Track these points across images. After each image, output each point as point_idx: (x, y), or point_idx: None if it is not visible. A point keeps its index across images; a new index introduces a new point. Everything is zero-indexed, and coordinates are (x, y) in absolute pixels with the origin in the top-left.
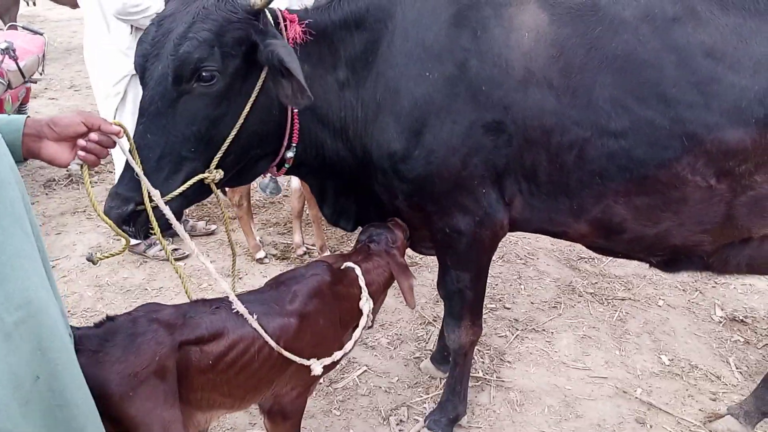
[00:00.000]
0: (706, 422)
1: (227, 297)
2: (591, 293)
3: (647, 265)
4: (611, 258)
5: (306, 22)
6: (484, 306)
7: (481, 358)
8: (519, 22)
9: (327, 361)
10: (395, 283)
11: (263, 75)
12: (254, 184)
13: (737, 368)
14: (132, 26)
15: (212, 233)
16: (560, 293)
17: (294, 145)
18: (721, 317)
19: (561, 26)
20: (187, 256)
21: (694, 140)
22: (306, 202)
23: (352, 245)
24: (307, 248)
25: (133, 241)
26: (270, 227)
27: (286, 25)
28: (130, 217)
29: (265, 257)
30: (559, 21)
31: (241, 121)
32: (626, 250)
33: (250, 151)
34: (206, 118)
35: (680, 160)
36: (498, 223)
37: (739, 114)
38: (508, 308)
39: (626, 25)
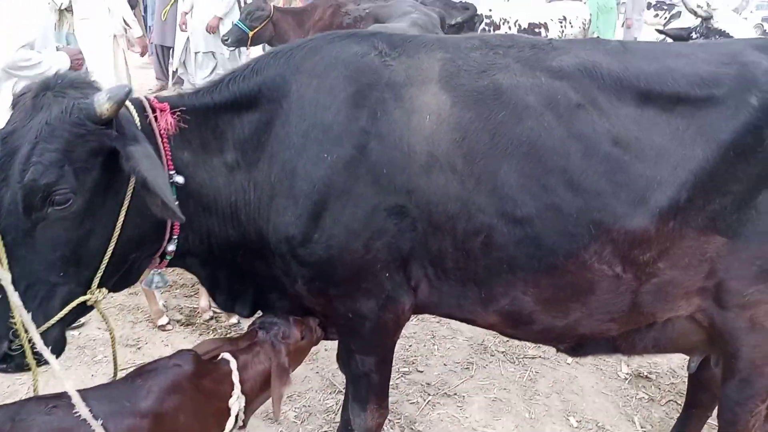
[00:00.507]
0: None
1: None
2: (503, 352)
3: None
4: None
5: (180, 108)
6: (396, 370)
7: (391, 428)
8: (420, 104)
9: None
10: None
11: (132, 179)
12: None
13: (642, 427)
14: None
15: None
16: (473, 353)
17: (175, 237)
18: (626, 374)
19: (464, 109)
20: (81, 325)
21: (602, 229)
22: None
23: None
24: (214, 313)
25: None
26: (176, 289)
27: (156, 116)
28: (4, 357)
29: (168, 323)
30: (462, 104)
31: (117, 232)
32: (535, 339)
33: (129, 257)
34: (70, 241)
35: (588, 248)
36: (401, 308)
37: (645, 203)
38: (421, 371)
39: (530, 111)
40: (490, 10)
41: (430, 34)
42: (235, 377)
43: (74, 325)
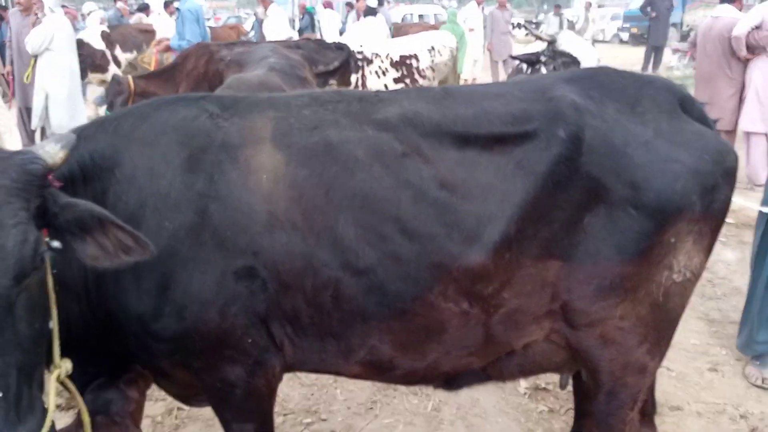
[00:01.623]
0: None
1: None
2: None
3: None
4: None
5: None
6: (299, 422)
7: None
8: (256, 164)
9: None
10: None
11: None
12: None
13: None
14: None
15: None
16: (376, 391)
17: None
18: (526, 388)
19: (298, 167)
20: None
21: (441, 270)
22: None
23: None
24: None
25: None
26: None
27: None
28: None
29: None
30: (296, 161)
31: (53, 295)
32: (403, 383)
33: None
34: (45, 304)
35: (432, 289)
36: (272, 371)
37: (479, 240)
38: (324, 419)
39: (360, 164)
40: (361, 46)
41: (285, 78)
42: None
43: None
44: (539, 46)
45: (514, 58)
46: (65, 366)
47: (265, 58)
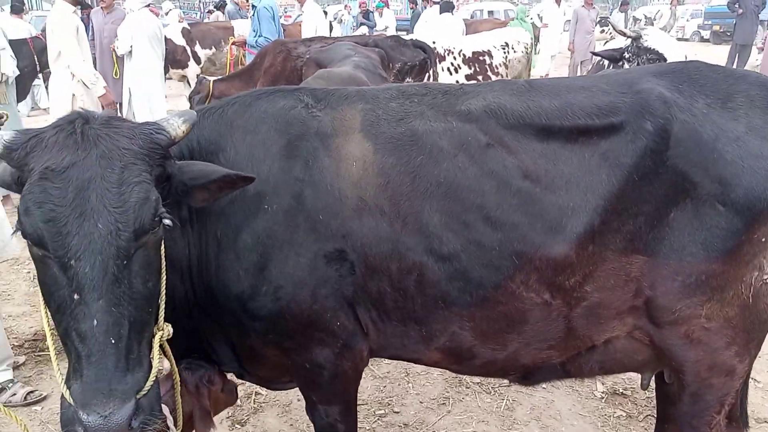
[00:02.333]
0: None
1: None
2: (478, 383)
3: None
4: None
5: None
6: (372, 413)
7: None
8: (346, 152)
9: None
10: None
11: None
12: None
13: None
14: None
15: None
16: (448, 387)
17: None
18: (602, 392)
19: (385, 155)
20: (44, 398)
21: (524, 259)
22: None
23: None
24: None
25: None
26: None
27: None
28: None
29: None
30: (384, 150)
31: (164, 262)
32: (480, 373)
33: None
34: (158, 269)
35: (513, 278)
36: (358, 354)
37: (562, 231)
38: (397, 412)
39: (445, 154)
40: (434, 42)
41: (369, 76)
42: (170, 421)
43: (35, 398)
44: (621, 43)
45: (595, 54)
46: (167, 329)
47: (348, 57)
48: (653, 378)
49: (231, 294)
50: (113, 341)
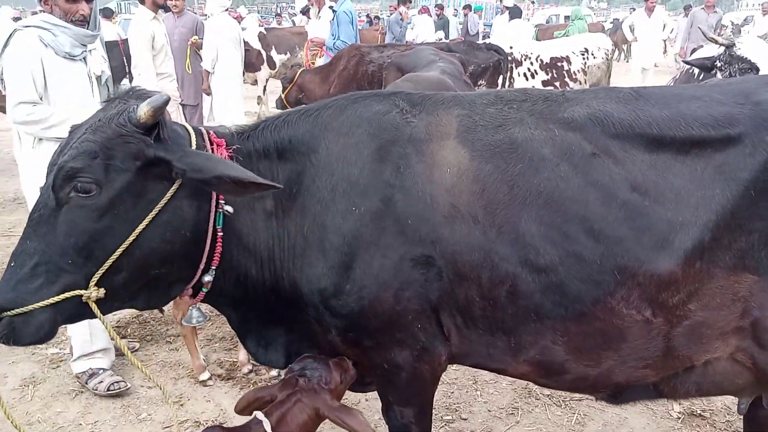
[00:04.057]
0: None
1: None
2: (548, 395)
3: None
4: None
5: (233, 147)
6: (440, 418)
7: None
8: (441, 158)
9: None
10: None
11: (170, 193)
12: None
13: None
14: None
15: (136, 350)
16: (517, 397)
17: (213, 268)
18: (679, 413)
19: (482, 162)
20: (128, 390)
21: (627, 274)
22: None
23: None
24: (254, 366)
25: (79, 369)
26: (215, 343)
27: (212, 148)
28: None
29: (209, 378)
30: (480, 157)
31: (132, 238)
32: (569, 388)
33: (150, 271)
34: (85, 231)
35: (614, 294)
36: (437, 358)
37: (669, 246)
38: (465, 419)
39: (546, 163)
40: (511, 48)
41: (455, 82)
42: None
43: (119, 390)
44: (713, 51)
45: (686, 62)
46: (94, 292)
47: (433, 62)
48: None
49: (315, 290)
50: (14, 264)
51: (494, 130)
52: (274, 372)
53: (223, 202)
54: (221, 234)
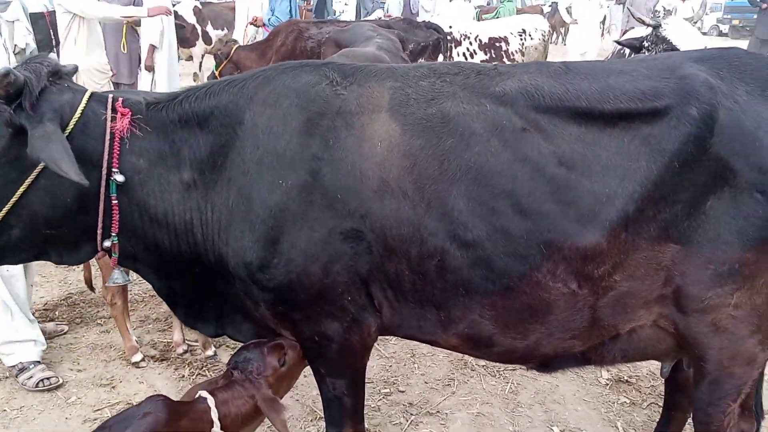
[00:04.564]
0: None
1: None
2: (483, 366)
3: None
4: None
5: (139, 117)
6: (378, 391)
7: None
8: (371, 132)
9: None
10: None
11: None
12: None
13: None
14: None
15: (64, 333)
16: (453, 369)
17: (113, 235)
18: (607, 380)
19: (413, 137)
20: (60, 385)
21: (553, 248)
22: None
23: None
24: (189, 346)
25: (10, 363)
26: (149, 324)
27: (115, 116)
28: None
29: (143, 360)
30: (412, 131)
31: (13, 200)
32: (499, 360)
33: (43, 231)
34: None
35: (540, 268)
36: (367, 330)
37: (594, 219)
38: (402, 391)
39: (477, 137)
40: (450, 27)
41: (392, 58)
42: (214, 414)
43: (49, 385)
44: (643, 32)
45: (617, 42)
46: None
47: (371, 38)
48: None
49: (241, 263)
50: None
51: (426, 103)
52: (209, 352)
53: (116, 170)
54: (116, 202)
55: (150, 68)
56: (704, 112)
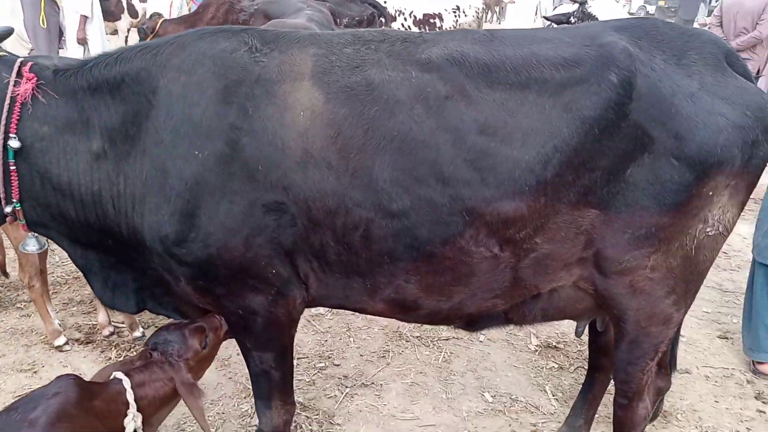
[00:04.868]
0: None
1: None
2: (417, 336)
3: None
4: None
5: (45, 83)
6: (312, 366)
7: (310, 425)
8: (293, 101)
9: None
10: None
11: None
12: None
13: (553, 395)
14: None
15: None
16: (388, 341)
17: (14, 201)
18: (536, 346)
19: (337, 106)
20: None
21: (474, 214)
22: None
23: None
24: (116, 327)
25: None
26: (73, 307)
27: (19, 81)
28: None
29: (66, 344)
30: (336, 100)
31: None
32: (425, 321)
33: None
34: None
35: (463, 234)
36: (292, 302)
37: (514, 184)
38: (337, 365)
39: (401, 106)
40: (385, 2)
41: (324, 29)
42: (129, 396)
43: None
44: (570, 8)
45: (545, 18)
46: None
47: (301, 10)
48: (587, 329)
49: (157, 237)
50: None
51: (351, 71)
52: (137, 333)
53: (13, 136)
54: (14, 168)
55: (82, 41)
56: (623, 78)
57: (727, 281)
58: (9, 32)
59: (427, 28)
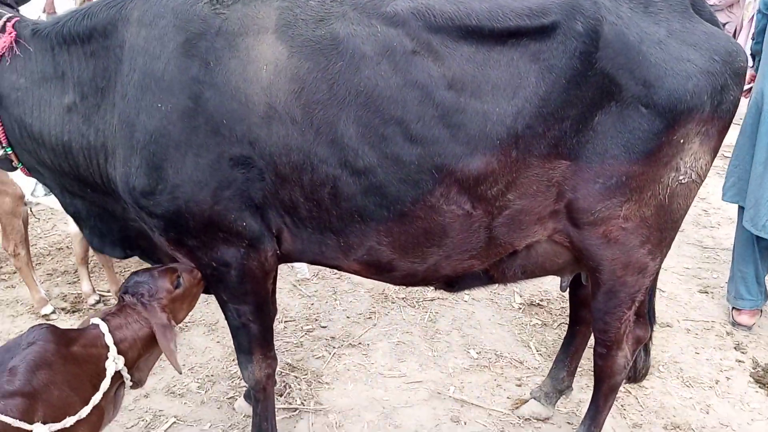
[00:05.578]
0: (514, 409)
1: None
2: (402, 298)
3: None
4: None
5: (23, 38)
6: (300, 328)
7: (299, 384)
8: (257, 54)
9: (56, 426)
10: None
11: None
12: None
13: (537, 351)
14: None
15: None
16: (374, 302)
17: (4, 146)
18: (520, 304)
19: (301, 60)
20: None
21: (444, 172)
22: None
23: None
24: (101, 296)
25: None
26: (57, 277)
27: (1, 35)
28: None
29: (53, 312)
30: (300, 54)
31: None
32: (403, 283)
33: None
34: None
35: (433, 192)
36: (264, 255)
37: (485, 139)
38: (325, 327)
39: (367, 61)
40: None
41: None
42: (108, 338)
43: None
44: None
45: None
46: None
47: None
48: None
49: (126, 189)
50: None
51: (315, 24)
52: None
53: None
54: None
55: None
56: (589, 26)
57: (707, 238)
58: None
59: None
